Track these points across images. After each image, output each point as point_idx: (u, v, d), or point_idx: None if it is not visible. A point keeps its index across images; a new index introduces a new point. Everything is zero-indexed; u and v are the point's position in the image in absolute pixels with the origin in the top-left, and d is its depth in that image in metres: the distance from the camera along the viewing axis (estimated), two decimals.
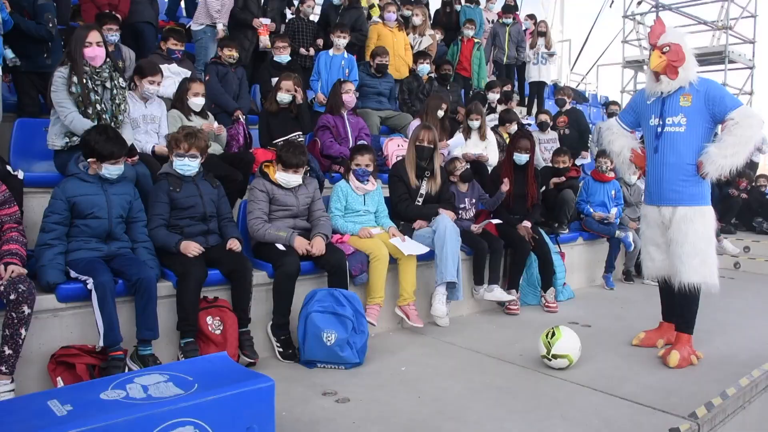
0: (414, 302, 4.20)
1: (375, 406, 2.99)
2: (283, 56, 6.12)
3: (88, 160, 3.25)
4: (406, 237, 4.33)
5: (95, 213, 3.21)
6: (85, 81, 3.66)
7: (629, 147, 4.07)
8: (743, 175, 9.14)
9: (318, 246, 3.79)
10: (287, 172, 3.88)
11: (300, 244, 3.75)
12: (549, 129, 7.56)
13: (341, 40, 6.61)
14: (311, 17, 7.41)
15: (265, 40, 6.62)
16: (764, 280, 6.88)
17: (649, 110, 3.82)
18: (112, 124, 3.74)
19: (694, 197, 3.70)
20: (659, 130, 3.72)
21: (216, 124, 4.66)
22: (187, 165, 3.58)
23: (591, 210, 6.19)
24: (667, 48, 3.64)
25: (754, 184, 8.98)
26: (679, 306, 3.86)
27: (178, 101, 4.59)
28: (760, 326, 4.73)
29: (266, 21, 6.65)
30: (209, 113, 4.76)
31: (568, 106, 8.09)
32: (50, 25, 4.73)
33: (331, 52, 6.65)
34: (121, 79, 3.91)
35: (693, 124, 3.63)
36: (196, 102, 4.56)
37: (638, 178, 6.38)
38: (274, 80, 5.49)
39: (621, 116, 4.12)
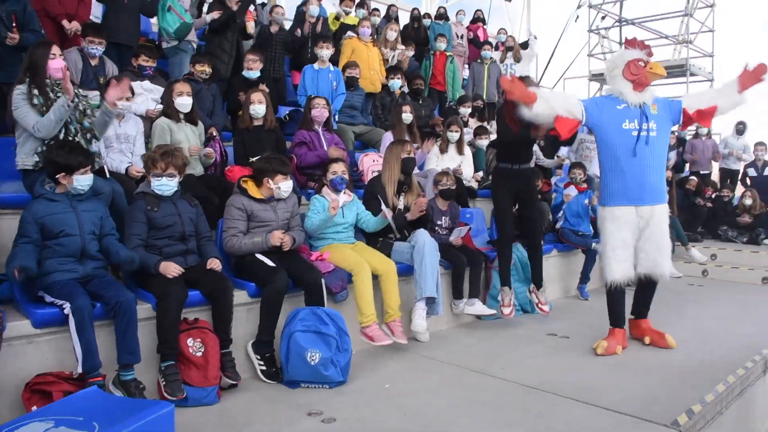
0: (400, 318, 4.16)
1: (361, 424, 2.97)
2: (252, 72, 5.92)
3: (58, 176, 3.19)
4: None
5: (66, 231, 3.14)
6: (47, 91, 3.64)
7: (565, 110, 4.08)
8: (709, 183, 9.39)
9: (287, 240, 3.85)
10: (286, 180, 3.92)
11: (275, 235, 3.79)
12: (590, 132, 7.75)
13: (325, 51, 6.54)
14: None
15: (251, 26, 6.61)
16: (732, 287, 7.03)
17: (621, 115, 4.04)
18: (79, 133, 3.69)
19: (665, 195, 4.18)
20: (642, 134, 3.98)
21: (206, 149, 4.59)
22: (165, 185, 3.53)
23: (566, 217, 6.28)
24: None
25: (718, 193, 9.20)
26: (648, 296, 4.39)
27: (166, 106, 4.51)
28: (731, 332, 4.83)
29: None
30: (200, 121, 4.69)
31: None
32: (43, 31, 4.67)
33: (316, 65, 6.58)
34: (80, 89, 3.91)
35: (660, 129, 4.06)
36: (182, 102, 4.44)
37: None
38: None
39: (587, 105, 4.12)
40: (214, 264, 3.53)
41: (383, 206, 4.39)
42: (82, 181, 3.23)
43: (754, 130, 10.67)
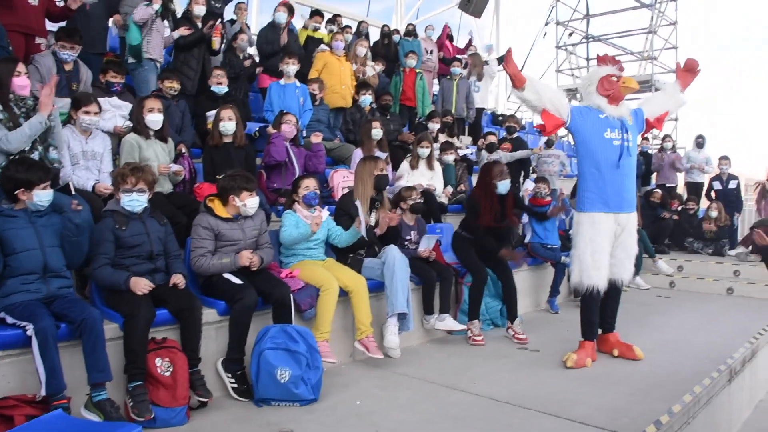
0: (372, 334, 4.14)
1: None
2: (221, 87, 5.91)
3: (17, 192, 3.14)
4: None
5: (24, 245, 3.08)
6: (11, 107, 3.61)
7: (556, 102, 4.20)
8: (674, 196, 9.59)
9: (255, 260, 3.81)
10: (252, 196, 3.87)
11: (243, 256, 3.75)
12: (547, 146, 8.42)
13: (291, 67, 6.51)
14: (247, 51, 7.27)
15: (217, 41, 6.56)
16: (698, 298, 7.15)
17: (603, 124, 4.15)
18: (43, 149, 3.66)
19: (635, 203, 4.33)
20: (626, 144, 4.10)
21: (175, 166, 4.54)
22: (136, 200, 3.48)
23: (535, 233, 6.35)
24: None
25: (684, 205, 9.39)
26: (613, 306, 4.50)
27: (135, 122, 4.45)
28: (697, 343, 4.91)
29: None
30: (170, 139, 4.63)
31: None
32: (11, 48, 4.62)
33: (282, 81, 6.54)
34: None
35: (634, 139, 4.24)
36: (153, 119, 4.38)
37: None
38: (210, 113, 5.42)
39: (573, 109, 4.22)
40: (177, 279, 3.48)
41: (361, 214, 4.34)
42: (42, 196, 3.18)
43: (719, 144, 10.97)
